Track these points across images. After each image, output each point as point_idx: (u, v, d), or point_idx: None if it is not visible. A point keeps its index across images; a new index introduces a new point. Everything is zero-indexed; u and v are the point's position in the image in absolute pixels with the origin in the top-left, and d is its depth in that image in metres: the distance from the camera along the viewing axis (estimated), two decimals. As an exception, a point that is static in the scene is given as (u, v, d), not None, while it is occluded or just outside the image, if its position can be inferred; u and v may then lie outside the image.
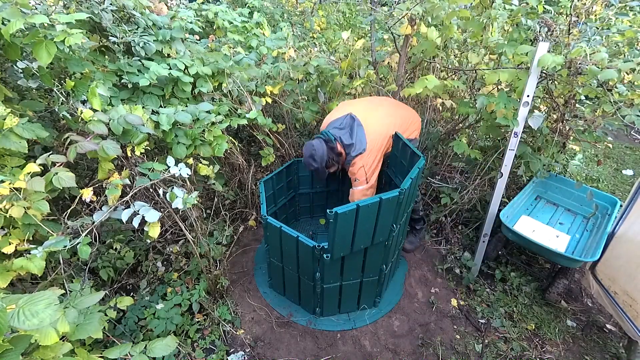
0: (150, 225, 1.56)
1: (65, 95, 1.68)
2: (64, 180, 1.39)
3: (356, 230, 1.77)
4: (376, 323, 2.25)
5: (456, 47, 2.87)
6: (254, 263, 2.66)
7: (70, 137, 1.46)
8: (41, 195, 1.33)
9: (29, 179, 1.31)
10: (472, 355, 2.10)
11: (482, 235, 2.43)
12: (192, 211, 1.93)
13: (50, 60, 1.40)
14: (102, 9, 1.84)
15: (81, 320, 1.27)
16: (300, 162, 2.70)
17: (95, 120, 1.51)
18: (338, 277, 2.05)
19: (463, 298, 2.45)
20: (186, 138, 1.90)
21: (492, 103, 2.11)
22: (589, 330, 2.26)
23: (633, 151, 4.76)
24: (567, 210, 2.73)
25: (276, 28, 3.83)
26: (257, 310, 2.30)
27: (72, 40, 1.41)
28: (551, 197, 2.80)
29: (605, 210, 2.55)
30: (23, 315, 0.91)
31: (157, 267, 2.43)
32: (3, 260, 1.36)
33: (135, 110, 1.65)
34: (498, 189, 2.29)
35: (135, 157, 1.75)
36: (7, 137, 1.36)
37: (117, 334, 1.96)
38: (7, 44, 1.48)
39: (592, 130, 2.32)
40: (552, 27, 2.10)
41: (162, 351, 1.28)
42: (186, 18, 2.34)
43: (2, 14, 1.28)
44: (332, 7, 5.10)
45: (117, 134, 1.57)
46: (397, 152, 2.40)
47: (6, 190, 1.25)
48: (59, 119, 2.06)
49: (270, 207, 2.59)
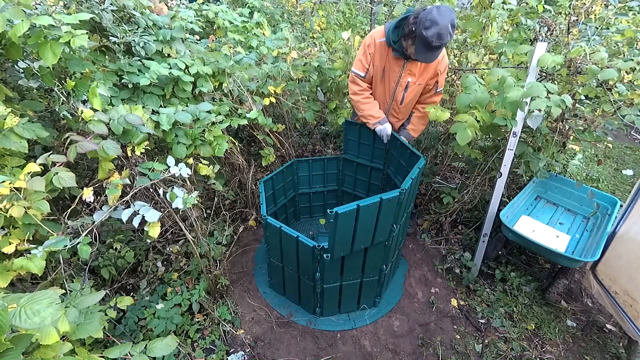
0: (150, 225, 1.56)
1: (65, 95, 1.68)
2: (64, 180, 1.39)
3: (356, 230, 1.77)
4: (376, 323, 2.25)
5: (455, 47, 2.88)
6: (254, 263, 2.66)
7: (71, 137, 1.47)
8: (41, 195, 1.33)
9: (29, 178, 1.31)
10: (472, 355, 2.10)
11: (482, 235, 2.44)
12: (192, 211, 1.93)
13: (55, 61, 1.40)
14: (102, 9, 1.85)
15: (81, 319, 1.27)
16: (300, 162, 2.69)
17: (95, 120, 1.51)
18: (338, 277, 2.05)
19: (463, 298, 2.45)
20: (186, 138, 1.90)
21: (491, 102, 2.11)
22: (589, 330, 2.26)
23: (633, 151, 4.76)
24: (567, 210, 2.73)
25: (276, 28, 3.83)
26: (257, 310, 2.30)
27: (78, 41, 1.41)
28: (551, 197, 2.81)
29: (605, 210, 2.55)
30: (25, 314, 0.91)
31: (157, 267, 2.43)
32: (3, 260, 1.36)
33: (135, 110, 1.65)
34: (498, 189, 2.29)
35: (136, 157, 1.75)
36: (8, 137, 1.36)
37: (117, 334, 1.96)
38: (9, 44, 1.48)
39: (592, 130, 2.32)
40: (551, 26, 2.11)
41: (162, 351, 1.29)
42: (186, 18, 2.34)
43: (6, 14, 1.28)
44: (332, 7, 5.10)
45: (117, 133, 1.57)
46: (396, 152, 2.40)
47: (7, 190, 1.25)
48: (59, 119, 2.06)
49: (270, 207, 2.59)
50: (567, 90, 2.17)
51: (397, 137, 2.33)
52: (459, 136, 1.94)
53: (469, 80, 1.94)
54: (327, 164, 2.82)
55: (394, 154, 2.44)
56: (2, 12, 1.28)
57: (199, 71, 2.10)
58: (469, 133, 1.92)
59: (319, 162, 2.80)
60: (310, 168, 2.78)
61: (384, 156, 2.56)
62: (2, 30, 1.25)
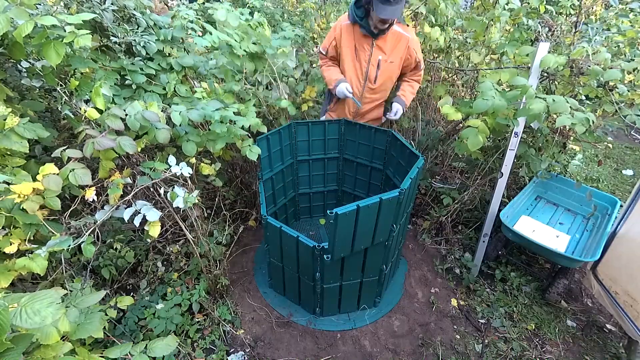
0: (151, 225, 1.56)
1: (68, 95, 1.68)
2: (80, 177, 1.39)
3: (356, 231, 1.77)
4: (376, 323, 2.25)
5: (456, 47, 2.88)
6: (254, 263, 2.66)
7: (86, 132, 1.46)
8: (54, 192, 1.34)
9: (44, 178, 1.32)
10: (472, 355, 2.10)
11: (482, 235, 2.44)
12: (192, 211, 1.93)
13: (59, 61, 1.40)
14: (103, 9, 1.85)
15: (82, 319, 1.27)
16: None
17: (112, 115, 1.50)
18: (338, 277, 2.05)
19: (463, 298, 2.45)
20: (196, 136, 1.86)
21: (509, 110, 2.10)
22: (589, 330, 2.26)
23: (633, 151, 4.76)
24: (567, 210, 2.74)
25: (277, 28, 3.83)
26: (257, 310, 2.30)
27: (82, 41, 1.41)
28: (551, 197, 2.82)
29: (605, 210, 2.56)
30: (25, 314, 0.91)
31: (157, 267, 2.43)
32: (4, 260, 1.36)
33: (150, 107, 1.64)
34: (498, 189, 2.29)
35: (137, 156, 1.75)
36: (8, 137, 1.36)
37: (117, 334, 1.96)
38: (12, 44, 1.49)
39: (593, 130, 2.32)
40: (552, 27, 2.11)
41: (163, 351, 1.29)
42: (187, 17, 2.33)
43: (9, 14, 1.28)
44: (332, 7, 5.10)
45: (134, 129, 1.56)
46: (395, 152, 2.40)
47: (29, 190, 1.27)
48: (59, 118, 2.06)
49: (270, 207, 2.59)
50: (569, 90, 2.17)
51: (397, 137, 2.33)
52: (470, 141, 1.94)
53: (486, 85, 1.94)
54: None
55: (394, 154, 2.44)
56: (6, 12, 1.28)
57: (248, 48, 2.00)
58: (480, 139, 1.93)
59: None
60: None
61: (383, 156, 2.56)
62: (6, 30, 1.25)
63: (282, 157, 2.53)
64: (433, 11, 2.47)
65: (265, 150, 2.29)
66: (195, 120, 1.77)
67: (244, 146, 1.96)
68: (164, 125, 1.68)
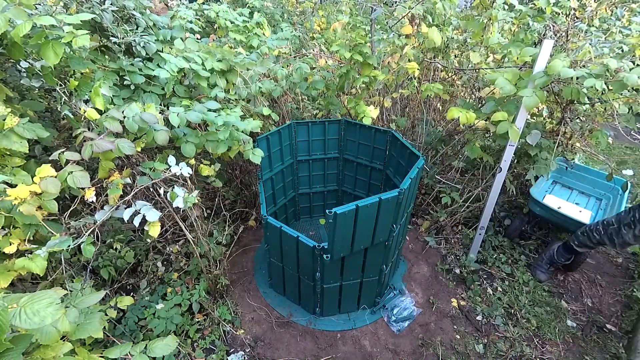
0: (151, 225, 1.56)
1: (67, 95, 1.68)
2: (79, 180, 1.38)
3: (356, 231, 1.77)
4: (376, 323, 2.25)
5: (456, 47, 2.87)
6: (254, 263, 2.66)
7: (84, 135, 1.45)
8: (52, 195, 1.33)
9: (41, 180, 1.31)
10: (472, 355, 2.10)
11: (479, 227, 2.46)
12: (192, 211, 1.93)
13: (57, 61, 1.40)
14: (102, 9, 1.85)
15: (82, 319, 1.27)
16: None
17: (110, 118, 1.49)
18: (338, 277, 2.05)
19: (463, 298, 2.45)
20: (195, 137, 1.86)
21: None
22: (589, 330, 2.26)
23: (633, 151, 4.76)
24: (581, 193, 3.07)
25: (276, 28, 3.83)
26: (257, 310, 2.30)
27: (80, 42, 1.41)
28: (566, 181, 3.16)
29: (617, 191, 2.87)
30: (25, 314, 0.91)
31: (157, 267, 2.43)
32: (4, 260, 1.36)
33: (148, 109, 1.64)
34: (496, 184, 2.30)
35: (136, 156, 1.75)
36: (8, 137, 1.36)
37: (117, 334, 1.96)
38: (10, 44, 1.48)
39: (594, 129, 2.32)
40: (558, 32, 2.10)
41: (163, 351, 1.28)
42: (186, 17, 2.33)
43: (7, 14, 1.28)
44: (332, 7, 5.10)
45: (132, 132, 1.55)
46: (396, 152, 2.40)
47: (26, 193, 1.26)
48: (59, 119, 2.06)
49: (270, 207, 2.59)
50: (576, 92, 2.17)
51: (397, 137, 2.33)
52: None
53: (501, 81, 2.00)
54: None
55: (394, 154, 2.44)
56: (4, 12, 1.28)
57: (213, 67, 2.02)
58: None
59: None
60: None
61: (383, 156, 2.56)
62: (4, 30, 1.25)
63: (282, 157, 2.54)
64: (430, 11, 2.46)
65: (265, 151, 2.29)
66: (194, 121, 1.77)
67: (247, 150, 1.96)
68: (163, 126, 1.67)
